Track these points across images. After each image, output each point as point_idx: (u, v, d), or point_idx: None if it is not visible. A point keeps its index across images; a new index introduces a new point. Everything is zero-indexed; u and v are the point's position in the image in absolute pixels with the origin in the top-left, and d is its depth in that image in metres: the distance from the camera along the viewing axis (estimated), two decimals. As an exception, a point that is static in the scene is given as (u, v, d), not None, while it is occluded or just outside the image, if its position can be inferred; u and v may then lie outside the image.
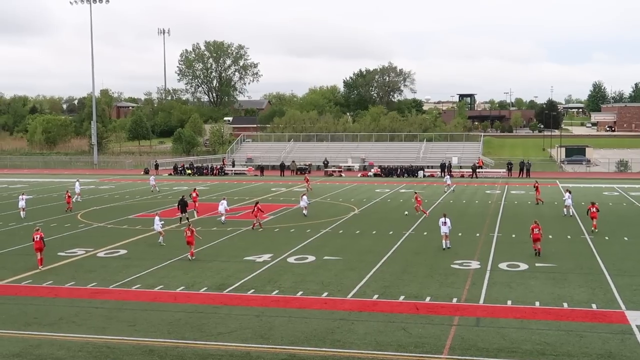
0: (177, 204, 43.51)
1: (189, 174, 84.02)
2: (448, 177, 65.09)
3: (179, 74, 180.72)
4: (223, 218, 42.61)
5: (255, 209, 40.43)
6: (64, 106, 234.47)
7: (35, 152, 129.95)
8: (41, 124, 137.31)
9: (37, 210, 49.11)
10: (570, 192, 44.75)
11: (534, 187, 52.08)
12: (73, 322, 21.47)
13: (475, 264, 29.30)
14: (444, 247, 32.76)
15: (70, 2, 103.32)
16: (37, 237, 29.72)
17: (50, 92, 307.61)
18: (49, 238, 36.93)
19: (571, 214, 43.73)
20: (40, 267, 29.44)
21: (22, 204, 46.97)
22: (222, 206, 42.98)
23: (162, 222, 36.14)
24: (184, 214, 42.37)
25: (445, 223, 33.03)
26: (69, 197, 50.34)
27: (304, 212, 44.90)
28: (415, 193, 48.17)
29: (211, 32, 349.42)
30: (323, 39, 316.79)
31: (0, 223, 43.20)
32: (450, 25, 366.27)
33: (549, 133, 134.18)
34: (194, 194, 49.69)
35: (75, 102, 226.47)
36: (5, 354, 18.49)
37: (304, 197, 46.18)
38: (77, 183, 57.30)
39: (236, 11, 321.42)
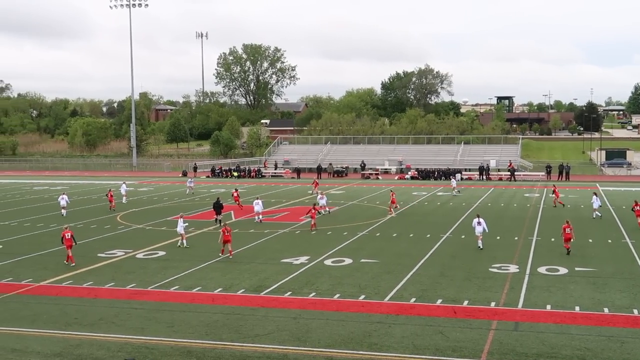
0: (212, 206, 43.80)
1: (236, 176, 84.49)
2: (454, 180, 65.42)
3: (216, 77, 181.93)
4: (259, 218, 43.40)
5: (313, 211, 41.40)
6: (104, 109, 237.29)
7: (76, 154, 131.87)
8: (81, 127, 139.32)
9: (77, 212, 49.79)
10: (596, 195, 45.15)
11: (553, 191, 52.56)
12: (112, 322, 21.70)
13: (513, 268, 29.01)
14: (481, 247, 33.21)
15: (110, 7, 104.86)
16: (67, 235, 31.02)
17: (90, 95, 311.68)
18: (89, 239, 37.53)
19: (594, 216, 44.15)
20: (72, 264, 30.39)
21: (63, 203, 48.65)
22: (258, 206, 43.77)
23: (186, 224, 36.46)
24: (219, 216, 42.67)
25: (480, 223, 33.50)
26: (112, 196, 51.57)
27: (322, 211, 46.18)
28: (392, 191, 49.38)
29: (247, 35, 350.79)
30: (359, 41, 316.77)
31: (41, 224, 43.88)
32: (487, 27, 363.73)
33: (589, 136, 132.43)
34: (235, 194, 50.96)
35: (115, 105, 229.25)
36: (46, 354, 18.76)
37: (324, 196, 47.97)
38: (123, 185, 58.22)
39: (272, 14, 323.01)
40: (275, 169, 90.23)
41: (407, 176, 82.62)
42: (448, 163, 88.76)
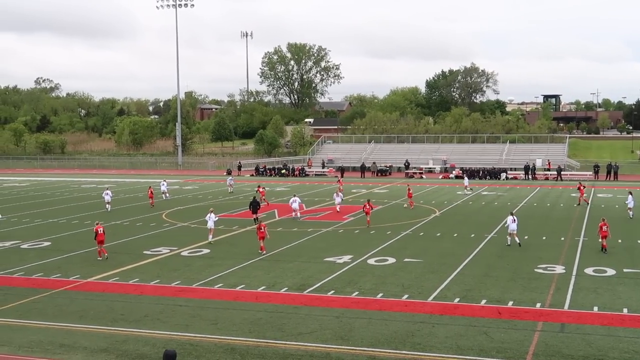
0: (249, 206, 44.27)
1: (283, 175, 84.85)
2: (467, 179, 65.37)
3: (261, 76, 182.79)
4: (295, 214, 44.51)
5: (367, 206, 41.91)
6: (150, 108, 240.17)
7: (123, 152, 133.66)
8: (128, 126, 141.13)
9: (123, 210, 50.50)
10: (632, 194, 44.80)
11: (578, 188, 52.94)
12: (158, 319, 21.96)
13: (560, 269, 28.61)
14: (518, 243, 33.88)
15: (157, 7, 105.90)
16: (100, 230, 32.20)
17: (136, 95, 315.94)
18: (135, 237, 38.07)
19: (631, 215, 43.86)
20: (105, 256, 31.87)
21: (107, 198, 50.70)
22: (295, 204, 44.89)
23: (217, 219, 37.22)
24: (256, 214, 43.05)
25: (514, 221, 34.09)
26: (152, 194, 53.35)
27: (337, 209, 47.84)
28: (408, 185, 50.91)
29: (290, 34, 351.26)
30: (402, 39, 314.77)
31: (88, 222, 44.55)
32: (532, 24, 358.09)
33: (638, 134, 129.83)
34: (260, 190, 52.88)
35: (161, 104, 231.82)
36: (93, 349, 19.06)
37: (340, 193, 49.78)
38: (164, 183, 59.35)
39: (315, 13, 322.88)
40: (323, 168, 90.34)
41: (451, 175, 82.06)
42: (493, 162, 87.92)
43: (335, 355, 18.42)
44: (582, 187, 52.86)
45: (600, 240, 32.63)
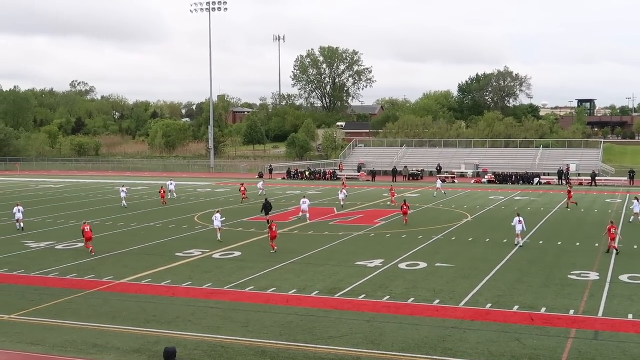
0: (262, 207, 44.97)
1: (308, 178, 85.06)
2: (439, 181, 66.76)
3: (293, 79, 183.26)
4: (304, 215, 45.53)
5: (405, 207, 43.93)
6: (183, 111, 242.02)
7: (156, 155, 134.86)
8: (161, 129, 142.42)
9: (155, 212, 50.93)
10: (638, 200, 44.42)
11: (568, 192, 54.73)
12: (189, 321, 22.10)
13: (594, 275, 28.27)
14: (521, 244, 35.08)
15: (191, 11, 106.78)
16: (87, 229, 34.05)
17: (169, 98, 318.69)
18: (168, 239, 38.38)
19: (631, 220, 44.29)
20: (93, 253, 33.38)
21: (123, 195, 54.89)
22: (305, 205, 45.96)
23: (224, 218, 38.76)
24: (267, 216, 43.64)
25: (520, 222, 35.25)
26: (164, 193, 57.32)
27: (342, 203, 52.47)
28: (391, 187, 53.09)
29: (321, 38, 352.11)
30: (434, 43, 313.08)
31: (122, 223, 45.02)
32: (565, 28, 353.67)
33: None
34: (242, 188, 58.30)
35: (194, 107, 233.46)
36: (126, 350, 19.23)
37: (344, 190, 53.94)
38: (172, 182, 63.07)
39: (345, 17, 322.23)
40: (359, 172, 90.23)
41: (484, 180, 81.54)
42: (526, 167, 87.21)
43: (366, 359, 18.39)
44: (570, 191, 54.83)
45: (609, 242, 33.13)
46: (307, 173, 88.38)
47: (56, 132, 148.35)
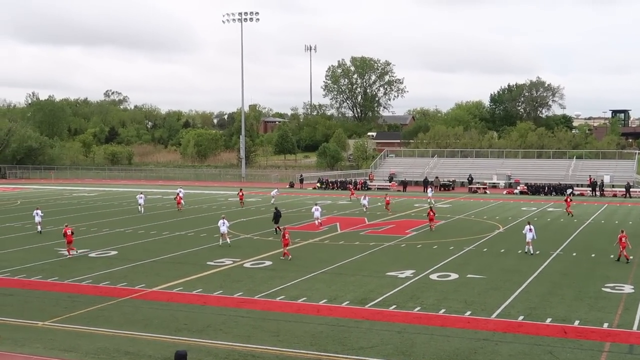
0: (273, 217, 45.35)
1: (319, 187, 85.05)
2: (430, 190, 68.16)
3: (324, 89, 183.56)
4: (318, 222, 47.03)
5: (431, 213, 45.66)
6: (215, 121, 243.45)
7: (188, 164, 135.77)
8: (193, 138, 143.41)
9: (187, 221, 51.24)
10: None
11: (565, 200, 56.81)
12: (220, 329, 22.19)
13: (628, 288, 27.89)
14: (532, 252, 35.86)
15: (223, 21, 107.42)
16: (68, 232, 36.06)
17: (201, 107, 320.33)
18: (199, 247, 38.59)
19: None
20: (70, 255, 35.69)
21: (140, 201, 57.70)
22: (317, 212, 47.53)
23: (229, 224, 40.83)
24: (277, 225, 44.08)
25: (530, 230, 36.24)
26: (180, 199, 59.79)
27: (365, 209, 54.43)
28: (386, 195, 53.20)
29: (350, 48, 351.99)
30: (464, 53, 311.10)
31: (154, 232, 45.38)
32: (598, 38, 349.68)
33: None
34: (240, 194, 63.03)
35: (225, 116, 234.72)
36: (157, 358, 19.36)
37: (367, 197, 56.39)
38: (180, 190, 64.91)
39: (374, 27, 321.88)
40: (390, 182, 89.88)
41: (516, 191, 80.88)
42: (559, 178, 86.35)
43: (397, 370, 18.32)
44: (569, 200, 56.97)
45: (620, 250, 33.93)
46: (318, 184, 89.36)
47: (90, 141, 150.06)
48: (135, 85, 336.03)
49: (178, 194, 61.90)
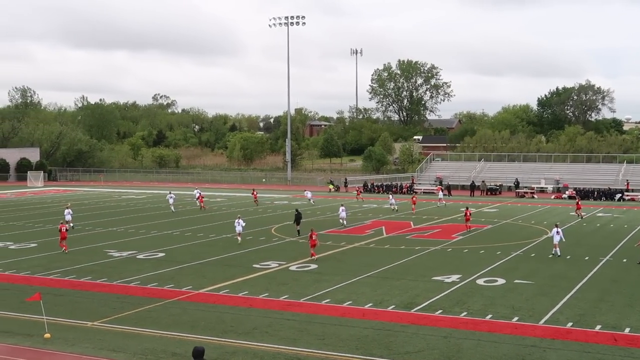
0: (294, 218, 45.89)
1: (331, 191, 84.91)
2: (392, 197, 66.00)
3: (370, 93, 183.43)
4: (342, 222, 49.37)
5: (468, 214, 46.64)
6: (261, 124, 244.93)
7: (234, 167, 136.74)
8: (239, 141, 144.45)
9: (232, 224, 51.42)
10: None
11: (576, 203, 58.13)
12: (266, 332, 22.29)
13: (681, 296, 27.28)
14: (559, 254, 36.15)
15: (269, 25, 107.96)
16: (63, 229, 38.49)
17: (247, 111, 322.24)
18: (245, 250, 38.84)
19: None
20: (66, 251, 37.54)
21: (171, 201, 61.20)
22: (343, 213, 49.63)
23: (245, 224, 43.19)
24: (298, 226, 45.09)
25: (558, 233, 36.47)
26: (202, 199, 63.98)
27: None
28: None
29: (395, 51, 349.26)
30: (510, 56, 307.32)
31: (201, 234, 45.79)
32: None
33: None
34: (254, 194, 67.24)
35: (271, 120, 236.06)
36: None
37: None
38: (197, 190, 69.26)
39: (418, 30, 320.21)
40: (440, 184, 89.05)
41: (564, 195, 79.71)
42: (609, 183, 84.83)
43: (443, 375, 18.18)
44: (579, 203, 58.03)
45: None
46: (330, 186, 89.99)
47: (138, 144, 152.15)
48: (181, 89, 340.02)
49: (198, 195, 65.70)
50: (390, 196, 64.61)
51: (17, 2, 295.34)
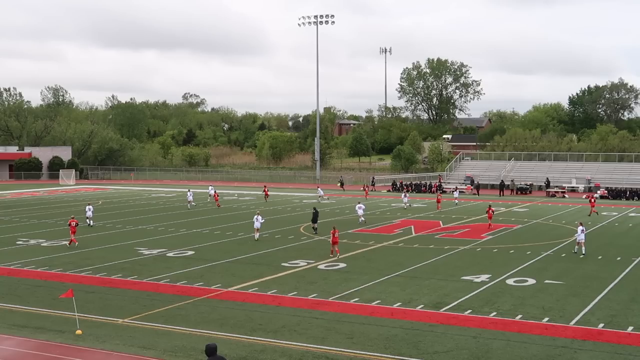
0: (312, 217, 46.12)
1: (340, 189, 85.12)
2: (457, 192, 71.01)
3: (399, 92, 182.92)
4: (362, 219, 50.55)
5: (490, 212, 48.23)
6: (290, 123, 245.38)
7: (263, 166, 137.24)
8: (268, 140, 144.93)
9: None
10: None
11: (589, 200, 58.91)
12: (295, 330, 22.34)
13: None
14: (583, 252, 36.36)
15: (299, 24, 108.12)
16: (73, 224, 39.83)
17: (275, 109, 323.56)
18: (274, 249, 38.92)
19: None
20: (76, 244, 39.34)
21: (190, 198, 63.40)
22: (360, 210, 50.86)
23: (263, 220, 43.58)
24: (315, 224, 45.31)
25: (583, 231, 36.97)
26: (217, 196, 66.45)
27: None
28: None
29: (423, 50, 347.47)
30: (540, 54, 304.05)
31: (230, 232, 45.98)
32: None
33: None
34: (265, 189, 69.80)
35: (300, 119, 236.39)
36: (233, 357, 19.60)
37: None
38: (211, 188, 71.85)
39: (448, 29, 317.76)
40: (471, 183, 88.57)
41: (596, 195, 78.87)
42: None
43: (472, 376, 18.09)
44: (593, 200, 58.43)
45: None
46: (338, 184, 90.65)
47: (168, 142, 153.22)
48: (210, 88, 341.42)
49: (213, 193, 68.32)
50: (403, 194, 65.93)
51: (50, 3, 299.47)
